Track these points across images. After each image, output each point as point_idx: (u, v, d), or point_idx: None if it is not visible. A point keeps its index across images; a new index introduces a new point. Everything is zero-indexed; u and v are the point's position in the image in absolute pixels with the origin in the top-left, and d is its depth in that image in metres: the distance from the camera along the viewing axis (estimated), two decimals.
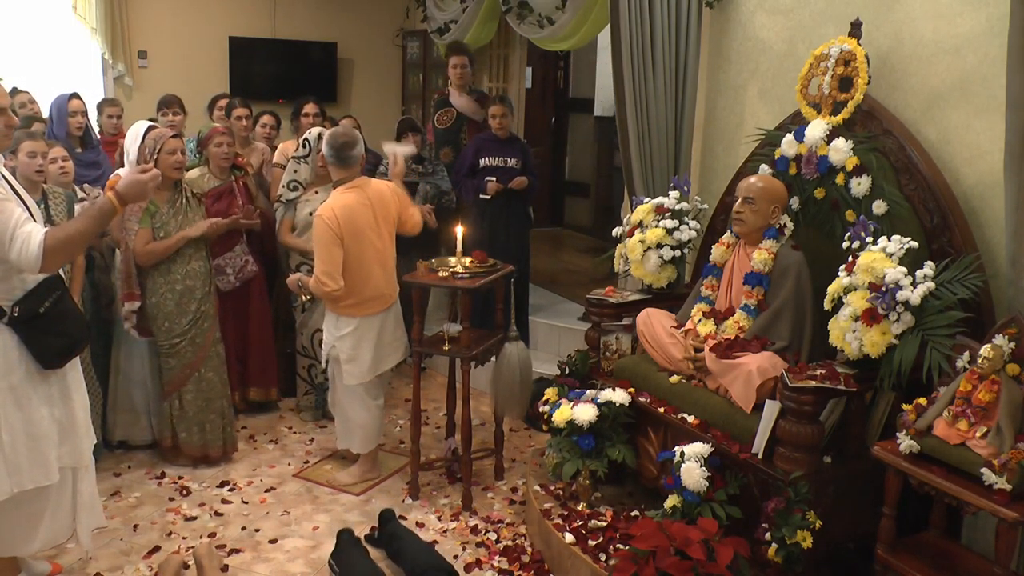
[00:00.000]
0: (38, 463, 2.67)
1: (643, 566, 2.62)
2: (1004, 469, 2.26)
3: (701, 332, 3.30)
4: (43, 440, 2.66)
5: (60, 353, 2.69)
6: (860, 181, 3.05)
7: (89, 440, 2.87)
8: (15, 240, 2.45)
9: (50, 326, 2.63)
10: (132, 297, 3.82)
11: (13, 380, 2.60)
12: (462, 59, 5.56)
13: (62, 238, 2.51)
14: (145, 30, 7.06)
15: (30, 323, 2.60)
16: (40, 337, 2.62)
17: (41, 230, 2.49)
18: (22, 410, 2.62)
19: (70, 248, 2.57)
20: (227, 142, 4.34)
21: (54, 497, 2.79)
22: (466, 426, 3.68)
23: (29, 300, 2.61)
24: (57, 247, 2.49)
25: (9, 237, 2.46)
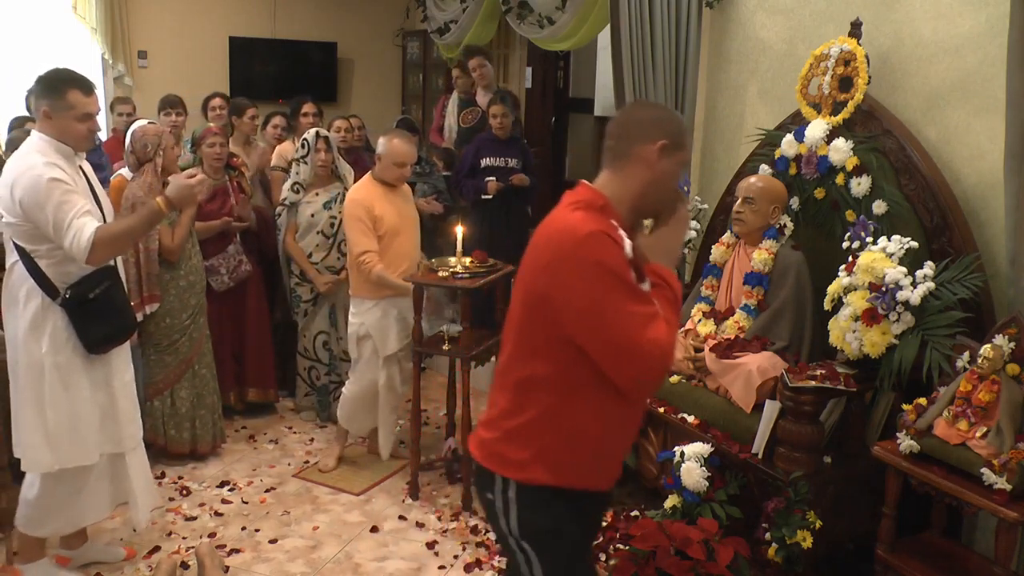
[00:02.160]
0: (78, 443, 2.82)
1: (643, 566, 2.62)
2: (1004, 469, 2.27)
3: (701, 332, 3.30)
4: (84, 421, 2.82)
5: (105, 339, 2.84)
6: (860, 181, 3.05)
7: (133, 426, 3.01)
8: (70, 229, 2.64)
9: (98, 312, 2.78)
10: (154, 299, 3.80)
11: (60, 359, 2.77)
12: (480, 60, 5.59)
13: (111, 234, 2.71)
14: (145, 30, 7.06)
15: (80, 307, 2.75)
16: (87, 322, 2.78)
17: (94, 224, 2.67)
18: (67, 390, 2.79)
19: (117, 245, 2.76)
20: (219, 142, 4.33)
21: (92, 480, 2.94)
22: (466, 426, 3.68)
23: (81, 285, 2.77)
24: (105, 241, 2.68)
25: (65, 226, 2.64)
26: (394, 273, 3.74)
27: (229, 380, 4.48)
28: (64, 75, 2.81)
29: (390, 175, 3.75)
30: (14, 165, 2.73)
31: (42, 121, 2.77)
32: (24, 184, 2.64)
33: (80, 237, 2.63)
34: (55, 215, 2.63)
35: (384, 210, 3.71)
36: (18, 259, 2.75)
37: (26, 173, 2.65)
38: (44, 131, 2.76)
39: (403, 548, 3.40)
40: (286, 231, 4.44)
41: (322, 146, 4.33)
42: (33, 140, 2.78)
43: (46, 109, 2.75)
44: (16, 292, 2.77)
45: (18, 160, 2.73)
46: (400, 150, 3.71)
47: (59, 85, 2.77)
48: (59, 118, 2.74)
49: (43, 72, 2.85)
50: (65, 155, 2.76)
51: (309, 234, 4.40)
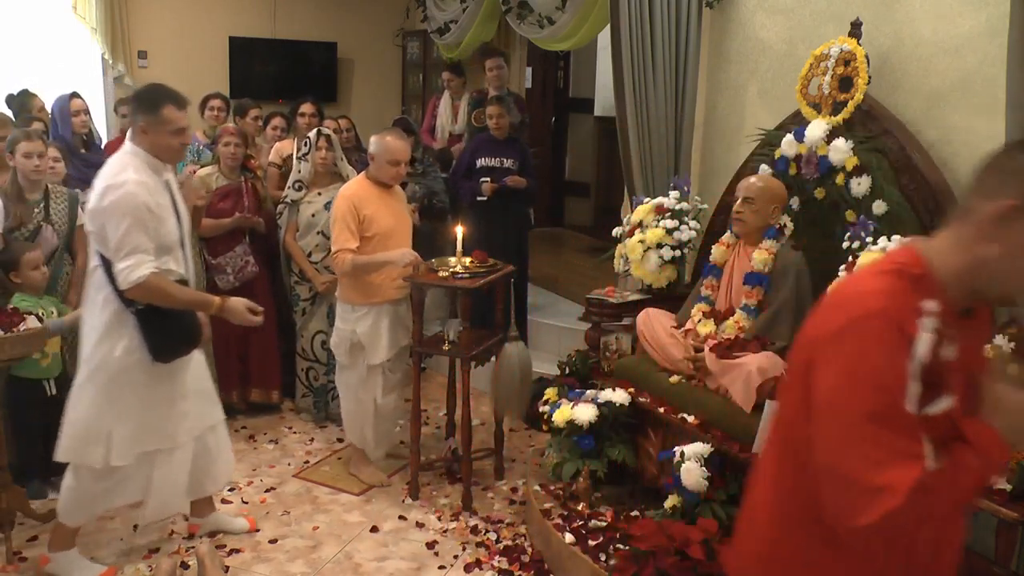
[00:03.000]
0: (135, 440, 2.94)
1: (643, 566, 2.62)
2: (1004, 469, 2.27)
3: (701, 332, 3.30)
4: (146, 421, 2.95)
5: (170, 350, 2.93)
6: (860, 181, 3.05)
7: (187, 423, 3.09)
8: (129, 257, 2.75)
9: (168, 324, 2.89)
10: None
11: (131, 362, 2.88)
12: (497, 60, 5.61)
13: (158, 288, 2.81)
14: (145, 30, 7.06)
15: (152, 317, 2.86)
16: (157, 332, 2.88)
17: (151, 268, 2.78)
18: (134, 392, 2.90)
19: (155, 299, 2.83)
20: (235, 142, 4.34)
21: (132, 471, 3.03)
22: (466, 426, 3.68)
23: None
24: (150, 290, 2.79)
25: (125, 252, 2.75)
26: (389, 278, 3.70)
27: (233, 380, 4.48)
28: (160, 91, 2.90)
29: (385, 174, 3.70)
30: (106, 176, 2.82)
31: (138, 135, 2.86)
32: (112, 196, 2.74)
33: (134, 271, 2.74)
34: (123, 237, 2.74)
35: (376, 211, 3.65)
36: (99, 265, 2.86)
37: (119, 188, 2.75)
38: (139, 145, 2.86)
39: (403, 548, 3.40)
40: (286, 229, 4.44)
41: (323, 144, 4.33)
42: (127, 153, 2.86)
43: (142, 124, 2.84)
44: (95, 296, 2.89)
45: (111, 172, 2.82)
46: (394, 147, 3.66)
47: (156, 101, 2.86)
48: (154, 133, 2.84)
49: (140, 88, 2.98)
50: (154, 169, 2.88)
51: (309, 234, 4.40)
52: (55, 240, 3.70)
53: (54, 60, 6.66)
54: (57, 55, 6.69)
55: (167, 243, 2.89)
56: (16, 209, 3.62)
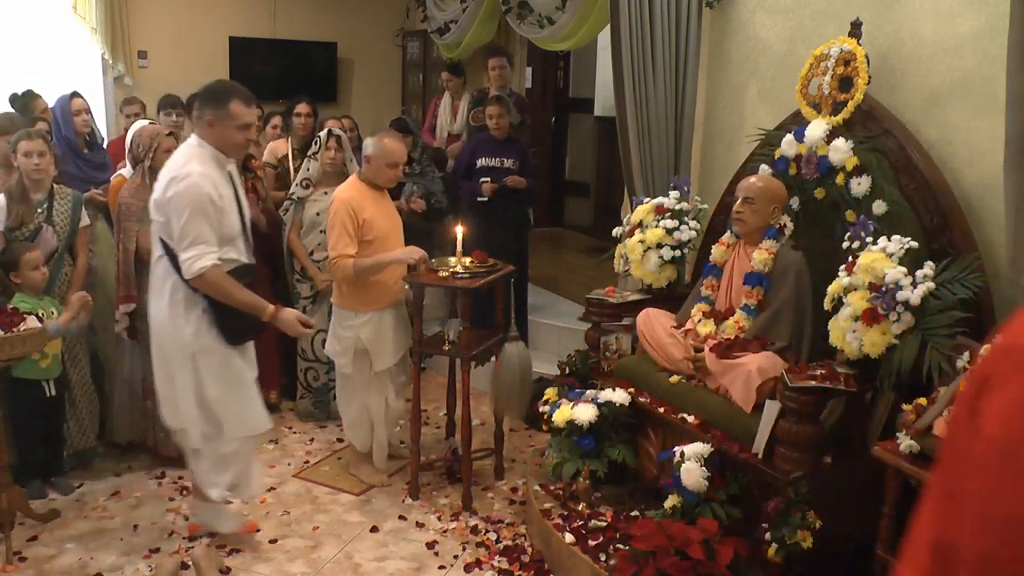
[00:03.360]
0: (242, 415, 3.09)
1: (643, 566, 2.62)
2: None
3: (701, 332, 3.30)
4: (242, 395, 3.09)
5: (242, 332, 3.04)
6: (860, 181, 3.05)
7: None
8: (193, 247, 2.82)
9: (235, 309, 2.95)
10: (130, 299, 3.81)
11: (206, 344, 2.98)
12: (500, 60, 5.59)
13: (217, 283, 2.89)
14: (145, 30, 7.06)
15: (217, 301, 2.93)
16: (228, 315, 2.96)
17: (214, 259, 2.86)
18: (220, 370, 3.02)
19: (215, 292, 2.91)
20: None
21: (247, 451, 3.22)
22: (466, 426, 3.68)
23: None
24: (210, 283, 2.88)
25: (189, 242, 2.82)
26: (391, 279, 3.69)
27: None
28: (228, 86, 2.98)
29: (382, 177, 3.68)
30: (172, 168, 2.90)
31: (204, 129, 2.93)
32: (177, 188, 2.82)
33: (197, 261, 2.82)
34: (187, 226, 2.81)
35: (374, 214, 3.64)
36: (163, 254, 2.93)
37: (183, 180, 2.82)
38: (205, 138, 2.93)
39: (403, 548, 3.40)
40: (290, 227, 4.44)
41: (332, 144, 4.33)
42: (193, 146, 2.94)
43: (210, 118, 2.91)
44: (161, 286, 2.97)
45: (176, 164, 2.90)
46: (392, 149, 3.65)
47: (223, 96, 2.93)
48: (221, 127, 2.92)
49: (208, 83, 3.03)
50: (219, 162, 2.95)
51: (312, 232, 4.40)
52: (55, 241, 3.70)
53: (54, 60, 6.66)
54: (57, 55, 6.69)
55: (230, 234, 2.96)
56: (18, 209, 3.62)
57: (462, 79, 6.07)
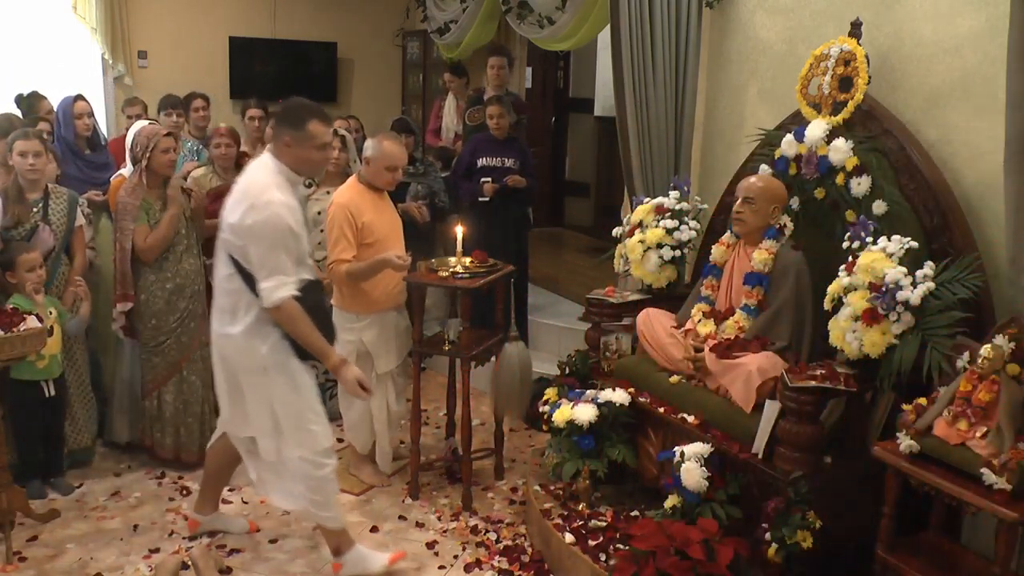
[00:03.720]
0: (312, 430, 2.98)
1: (643, 566, 2.62)
2: (1004, 469, 2.26)
3: (701, 332, 3.30)
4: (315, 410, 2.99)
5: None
6: (860, 181, 3.05)
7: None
8: (272, 277, 2.79)
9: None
10: (127, 298, 3.82)
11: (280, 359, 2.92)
12: (501, 60, 5.58)
13: (293, 315, 2.84)
14: (145, 30, 7.06)
15: None
16: None
17: (292, 289, 2.82)
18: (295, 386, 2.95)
19: (287, 324, 2.86)
20: (226, 143, 4.34)
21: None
22: (466, 426, 3.68)
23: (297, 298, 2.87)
24: (286, 315, 2.83)
25: (269, 271, 2.79)
26: (390, 284, 3.69)
27: None
28: (306, 107, 2.92)
29: (381, 180, 3.66)
30: (250, 190, 2.84)
31: (281, 149, 2.87)
32: (257, 217, 2.76)
33: (276, 292, 2.79)
34: (267, 256, 2.78)
35: (373, 217, 3.62)
36: (233, 273, 2.89)
37: (264, 209, 2.77)
38: (281, 158, 2.88)
39: (403, 548, 3.39)
40: None
41: (336, 144, 4.33)
42: (269, 167, 2.88)
43: (288, 139, 2.85)
44: (233, 305, 2.92)
45: (256, 189, 2.83)
46: (392, 152, 3.62)
47: (302, 116, 2.88)
48: (299, 147, 2.86)
49: (286, 102, 2.98)
50: (292, 183, 2.91)
51: (313, 231, 4.40)
52: (52, 240, 3.71)
53: (54, 60, 6.66)
54: (57, 55, 6.69)
55: (302, 255, 2.94)
56: (15, 208, 3.62)
57: (464, 79, 6.06)
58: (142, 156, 3.77)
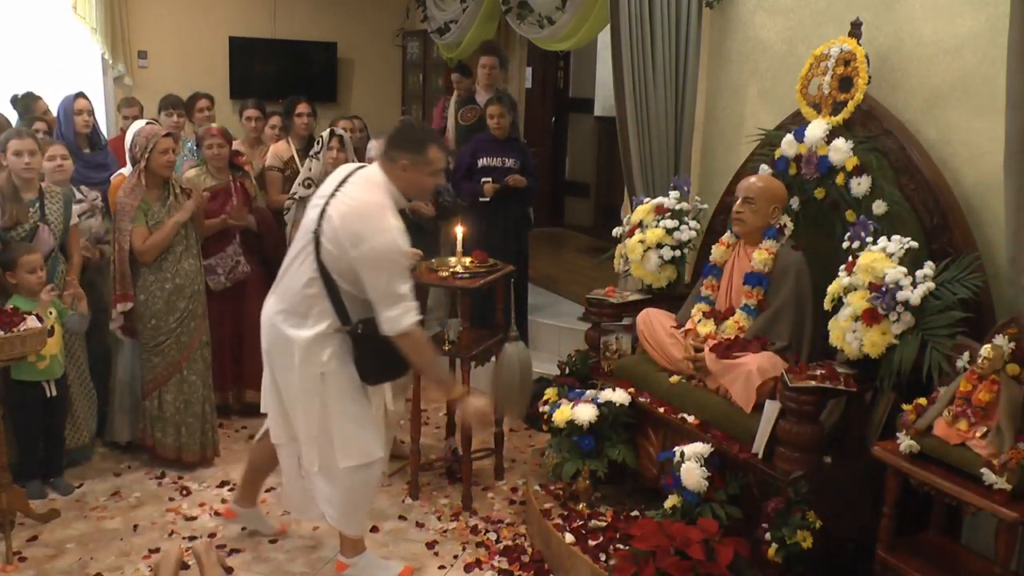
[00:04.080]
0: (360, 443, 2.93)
1: (643, 566, 2.62)
2: (1004, 469, 2.26)
3: (701, 332, 3.30)
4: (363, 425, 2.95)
5: (376, 374, 2.95)
6: (860, 181, 3.05)
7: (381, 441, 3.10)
8: (397, 306, 2.75)
9: (380, 350, 2.86)
10: (126, 298, 3.82)
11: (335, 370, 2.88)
12: (492, 60, 5.56)
13: (420, 342, 2.85)
14: (145, 30, 7.06)
15: (366, 340, 2.86)
16: (368, 355, 2.89)
17: (416, 316, 2.79)
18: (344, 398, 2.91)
19: (413, 352, 2.85)
20: (218, 143, 4.32)
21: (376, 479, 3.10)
22: (466, 426, 3.68)
23: (373, 322, 2.83)
24: (414, 341, 2.81)
25: (394, 300, 2.75)
26: None
27: (227, 380, 4.48)
28: (426, 132, 2.94)
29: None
30: (368, 212, 2.77)
31: (397, 171, 2.84)
32: (375, 243, 2.72)
33: (402, 320, 2.75)
34: (390, 284, 2.74)
35: None
36: (316, 279, 2.82)
37: (383, 234, 2.73)
38: (394, 180, 2.84)
39: (403, 548, 3.40)
40: (292, 226, 4.43)
41: (335, 144, 4.32)
42: (382, 187, 2.83)
43: (405, 162, 2.83)
44: (307, 309, 2.86)
45: (372, 210, 2.78)
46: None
47: (423, 141, 2.85)
48: (415, 171, 2.84)
49: (402, 125, 2.97)
50: (398, 205, 2.85)
51: None
52: (51, 241, 3.71)
53: (54, 60, 6.66)
54: (57, 55, 6.70)
55: None
56: (12, 208, 3.61)
57: (471, 79, 6.05)
58: (141, 157, 3.77)
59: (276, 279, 3.02)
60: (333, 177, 2.97)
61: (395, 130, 2.97)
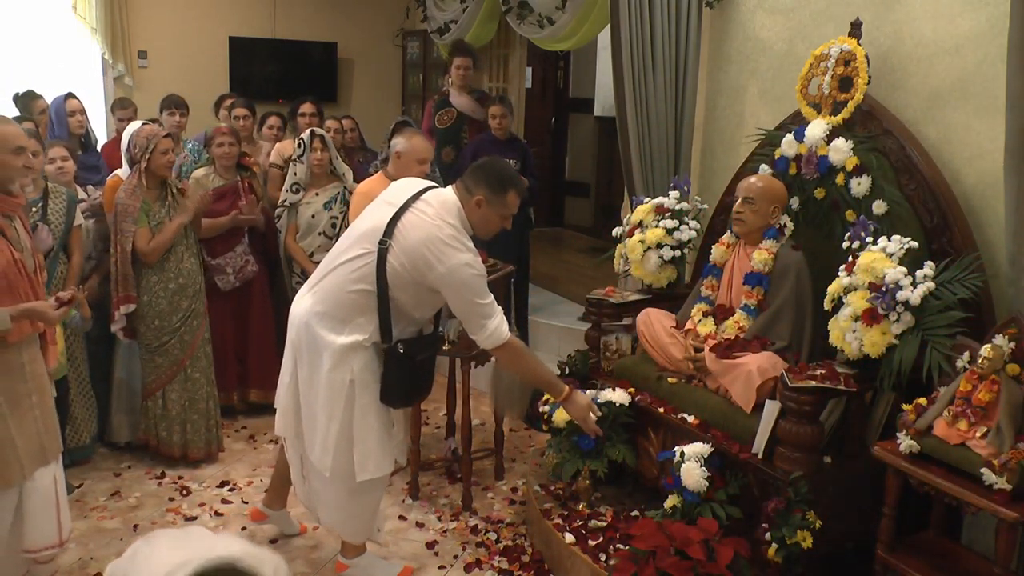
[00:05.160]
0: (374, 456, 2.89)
1: (643, 566, 2.62)
2: (1004, 469, 2.26)
3: (701, 332, 3.30)
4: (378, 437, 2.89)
5: (401, 397, 2.92)
6: (860, 181, 3.05)
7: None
8: (490, 323, 2.77)
9: (411, 374, 2.88)
10: (130, 300, 3.82)
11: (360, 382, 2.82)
12: (466, 60, 5.54)
13: (521, 350, 2.91)
14: (145, 30, 7.06)
15: (401, 362, 2.83)
16: (398, 377, 2.85)
17: (507, 326, 2.83)
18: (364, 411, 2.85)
19: (515, 361, 2.91)
20: (228, 142, 4.33)
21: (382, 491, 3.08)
22: (466, 426, 3.68)
23: (415, 345, 2.86)
24: (513, 350, 2.86)
25: (486, 318, 2.77)
26: None
27: (232, 380, 4.48)
28: (510, 176, 2.89)
29: (411, 173, 3.64)
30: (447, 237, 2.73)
31: (471, 203, 2.80)
32: (461, 275, 2.71)
33: (499, 333, 2.78)
34: (478, 306, 2.75)
35: None
36: (371, 290, 2.76)
37: (465, 265, 2.71)
38: (468, 211, 2.81)
39: (403, 548, 3.40)
40: (286, 232, 4.43)
41: (318, 145, 4.33)
42: (455, 212, 2.79)
43: (482, 198, 2.80)
44: (348, 315, 2.80)
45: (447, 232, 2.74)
46: (421, 145, 3.65)
47: (506, 184, 2.82)
48: (489, 209, 2.81)
49: (487, 161, 2.93)
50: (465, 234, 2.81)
51: (310, 235, 4.40)
52: (51, 240, 3.70)
53: (54, 60, 6.66)
54: (57, 55, 6.69)
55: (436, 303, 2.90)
56: None
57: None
58: (141, 157, 3.77)
59: (314, 276, 2.95)
60: (403, 187, 2.90)
61: (481, 163, 2.92)
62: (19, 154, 2.67)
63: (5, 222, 2.67)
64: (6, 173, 2.65)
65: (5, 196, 2.67)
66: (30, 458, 2.71)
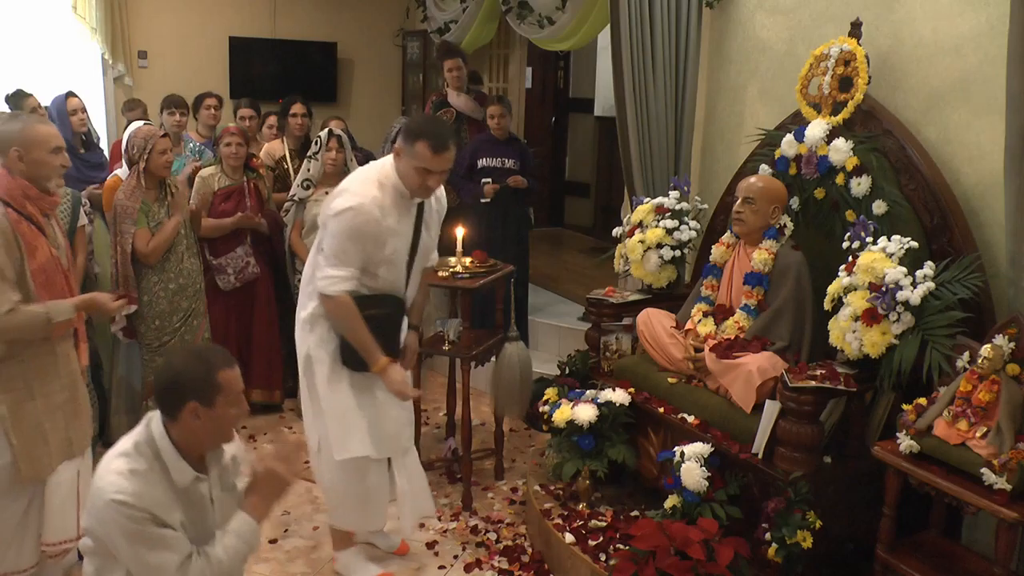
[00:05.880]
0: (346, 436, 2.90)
1: (643, 566, 2.62)
2: (1004, 469, 2.27)
3: (701, 332, 3.30)
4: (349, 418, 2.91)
5: (356, 359, 2.87)
6: (860, 181, 3.05)
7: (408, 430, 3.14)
8: (332, 267, 2.76)
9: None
10: (131, 300, 3.82)
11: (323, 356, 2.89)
12: (456, 62, 5.53)
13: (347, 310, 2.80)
14: (145, 30, 7.06)
15: None
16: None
17: (349, 286, 2.79)
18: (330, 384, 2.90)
19: (338, 317, 2.84)
20: (236, 142, 4.34)
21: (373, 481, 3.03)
22: (466, 426, 3.68)
23: (364, 301, 2.83)
24: (339, 309, 2.80)
25: (329, 259, 2.78)
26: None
27: None
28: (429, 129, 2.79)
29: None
30: (352, 179, 2.84)
31: (396, 157, 2.81)
32: (344, 204, 2.73)
33: (334, 285, 2.76)
34: (335, 250, 2.76)
35: None
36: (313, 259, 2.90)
37: (354, 201, 2.73)
38: (396, 165, 2.81)
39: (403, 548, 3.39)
40: (292, 227, 4.44)
41: (334, 144, 4.33)
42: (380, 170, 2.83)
43: (399, 147, 2.79)
44: (311, 292, 2.90)
45: (357, 178, 2.85)
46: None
47: (416, 134, 2.75)
48: (405, 161, 2.77)
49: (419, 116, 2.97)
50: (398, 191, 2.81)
51: (315, 232, 4.39)
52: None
53: (54, 60, 6.65)
54: (57, 55, 6.69)
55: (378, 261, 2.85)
56: None
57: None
58: (139, 158, 3.77)
59: None
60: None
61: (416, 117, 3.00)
62: (57, 153, 2.71)
63: (43, 220, 2.70)
64: (44, 172, 2.69)
65: (43, 194, 2.70)
66: (59, 451, 2.73)
